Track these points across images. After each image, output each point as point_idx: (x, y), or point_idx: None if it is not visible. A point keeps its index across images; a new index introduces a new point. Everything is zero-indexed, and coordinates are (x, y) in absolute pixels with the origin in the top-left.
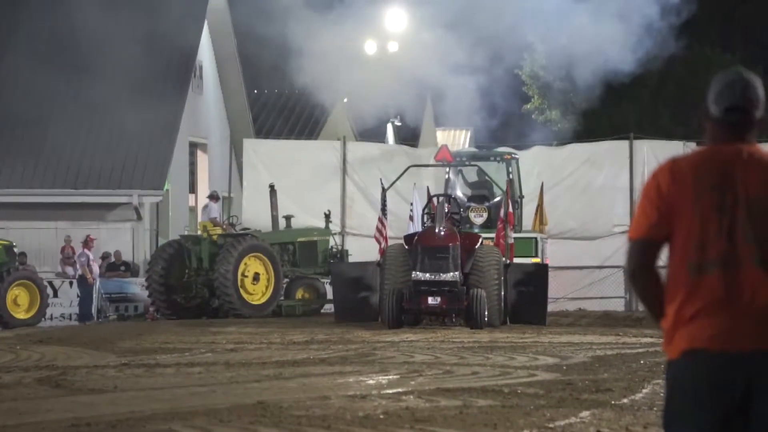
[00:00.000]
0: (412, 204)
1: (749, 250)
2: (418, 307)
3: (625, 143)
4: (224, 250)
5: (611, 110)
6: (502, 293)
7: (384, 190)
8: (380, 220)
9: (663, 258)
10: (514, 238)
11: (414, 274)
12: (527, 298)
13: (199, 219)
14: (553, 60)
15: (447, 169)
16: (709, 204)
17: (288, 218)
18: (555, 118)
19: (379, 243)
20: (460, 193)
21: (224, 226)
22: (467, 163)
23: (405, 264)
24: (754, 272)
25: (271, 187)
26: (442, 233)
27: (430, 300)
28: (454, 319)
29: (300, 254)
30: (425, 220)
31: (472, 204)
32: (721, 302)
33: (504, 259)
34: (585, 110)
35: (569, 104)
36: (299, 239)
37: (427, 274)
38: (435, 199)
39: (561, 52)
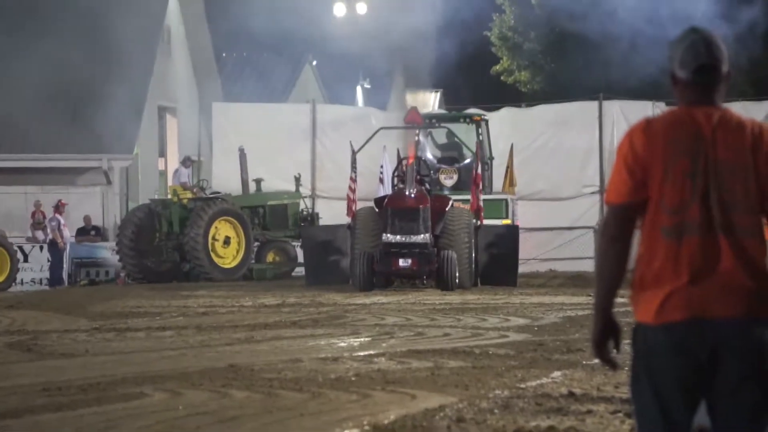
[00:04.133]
0: (381, 166)
1: (718, 215)
2: (388, 269)
3: (594, 103)
4: (194, 213)
5: (580, 70)
6: (473, 255)
7: (354, 153)
8: (351, 182)
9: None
10: (485, 200)
11: (384, 236)
12: (498, 259)
13: (169, 183)
14: (522, 21)
15: (417, 132)
16: (682, 168)
17: (258, 182)
18: (524, 79)
19: (349, 205)
20: (429, 155)
21: (194, 191)
22: (437, 124)
23: (375, 227)
24: (720, 238)
25: (241, 150)
26: (412, 195)
27: (401, 262)
28: (425, 281)
29: (270, 217)
30: (395, 182)
31: (442, 166)
32: (693, 269)
33: (475, 221)
34: (554, 70)
35: (538, 65)
36: (269, 202)
37: (398, 236)
38: (404, 162)
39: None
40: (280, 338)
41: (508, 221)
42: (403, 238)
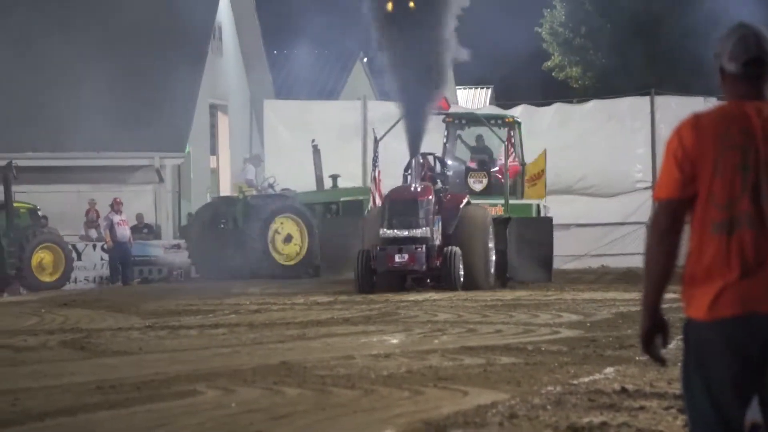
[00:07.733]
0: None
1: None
2: (384, 266)
3: (645, 99)
4: (255, 210)
5: (631, 67)
6: (490, 254)
7: (377, 141)
8: (374, 172)
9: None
10: (514, 205)
11: (381, 231)
12: (531, 254)
13: (233, 181)
14: (572, 16)
15: (445, 133)
16: (732, 163)
17: (334, 178)
18: (575, 75)
19: (373, 197)
20: (450, 160)
21: (258, 188)
22: (466, 124)
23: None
24: None
25: (314, 146)
26: (416, 189)
27: (397, 258)
28: (429, 282)
29: (344, 213)
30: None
31: (473, 169)
32: (744, 264)
33: (507, 214)
34: (605, 66)
35: (589, 61)
36: (343, 198)
37: (395, 231)
38: (414, 158)
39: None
40: (332, 335)
41: None
42: (401, 233)
